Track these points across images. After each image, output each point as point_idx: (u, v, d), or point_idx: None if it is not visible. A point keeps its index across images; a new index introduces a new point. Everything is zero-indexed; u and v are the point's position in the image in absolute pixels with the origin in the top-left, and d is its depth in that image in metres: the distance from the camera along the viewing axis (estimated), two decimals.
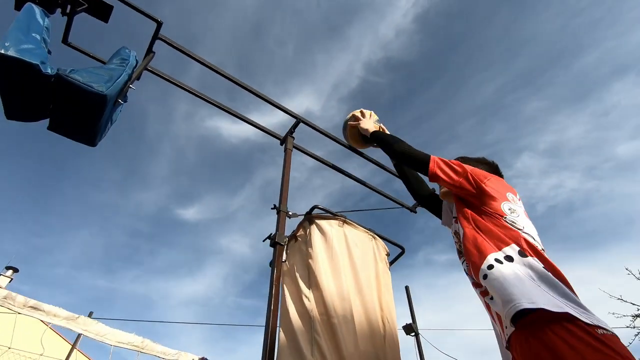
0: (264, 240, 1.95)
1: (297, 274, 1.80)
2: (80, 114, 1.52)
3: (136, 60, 1.80)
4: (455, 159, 1.95)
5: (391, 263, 2.18)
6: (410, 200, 3.08)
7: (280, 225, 1.97)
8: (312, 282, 1.76)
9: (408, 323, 5.57)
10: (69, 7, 1.93)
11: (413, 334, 5.42)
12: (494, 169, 1.86)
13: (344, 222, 1.97)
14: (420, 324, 5.47)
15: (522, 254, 1.16)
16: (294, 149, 2.50)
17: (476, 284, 1.28)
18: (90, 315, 7.63)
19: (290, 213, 2.08)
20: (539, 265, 1.11)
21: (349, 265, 1.81)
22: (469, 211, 1.38)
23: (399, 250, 2.11)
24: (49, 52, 1.56)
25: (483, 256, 1.19)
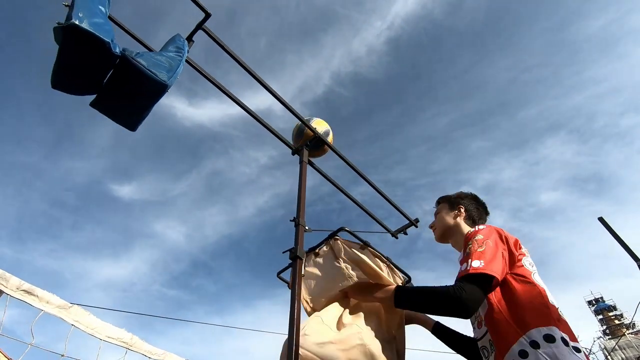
0: (283, 252, 1.94)
1: (311, 289, 1.82)
2: (134, 98, 1.43)
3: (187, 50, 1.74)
4: (454, 196, 2.04)
5: None
6: (393, 225, 3.22)
7: (299, 239, 1.97)
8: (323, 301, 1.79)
9: None
10: None
11: None
12: (484, 209, 1.93)
13: (366, 246, 2.02)
14: None
15: (564, 341, 1.10)
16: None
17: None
18: None
19: (307, 227, 2.09)
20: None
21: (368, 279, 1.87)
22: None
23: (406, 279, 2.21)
24: None
25: (515, 338, 1.14)
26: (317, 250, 2.03)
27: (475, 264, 1.23)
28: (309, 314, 1.85)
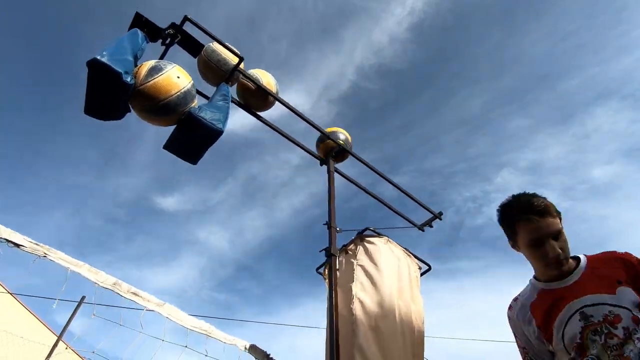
0: (320, 251, 2.34)
1: (345, 283, 2.19)
2: (197, 141, 1.86)
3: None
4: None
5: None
6: (418, 219, 3.54)
7: (332, 239, 2.36)
8: (360, 290, 2.15)
9: None
10: (168, 39, 2.25)
11: None
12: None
13: (388, 240, 2.38)
14: None
15: None
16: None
17: None
18: (82, 299, 7.75)
19: (338, 229, 2.48)
20: None
21: (395, 273, 2.23)
22: None
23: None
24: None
25: None
26: (347, 248, 2.42)
27: None
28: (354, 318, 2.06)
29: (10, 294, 9.01)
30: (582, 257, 1.33)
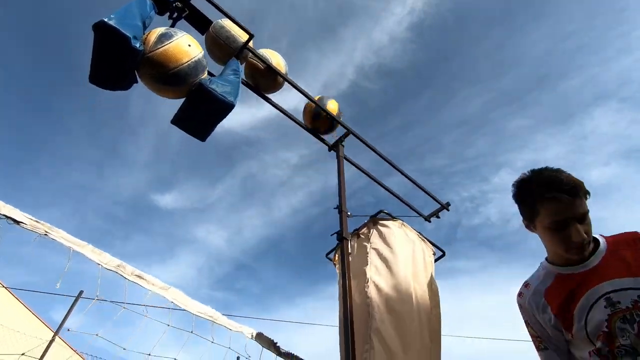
0: (331, 235, 2.26)
1: (359, 267, 2.11)
2: (207, 115, 1.78)
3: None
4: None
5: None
6: (426, 210, 3.47)
7: (343, 223, 2.28)
8: (374, 273, 2.08)
9: None
10: (176, 13, 2.17)
11: None
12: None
13: (402, 224, 2.31)
14: None
15: None
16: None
17: None
18: (81, 293, 7.65)
19: (349, 213, 2.40)
20: None
21: (410, 257, 2.16)
22: None
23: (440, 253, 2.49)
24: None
25: None
26: (359, 232, 2.34)
27: None
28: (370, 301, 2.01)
29: (6, 288, 8.90)
30: (600, 238, 1.21)
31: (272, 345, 2.44)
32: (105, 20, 1.47)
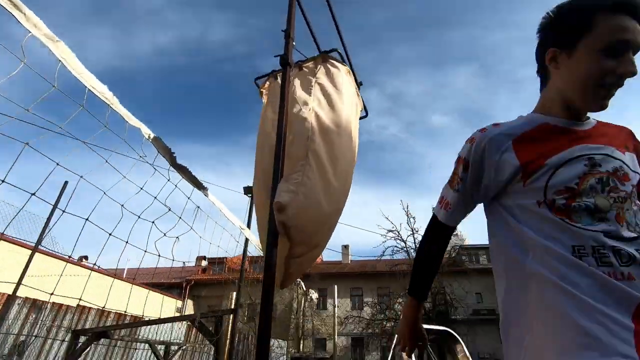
0: (275, 56, 1.99)
1: (300, 96, 1.97)
2: None
3: None
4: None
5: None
6: None
7: (289, 49, 2.03)
8: (317, 105, 1.98)
9: None
10: None
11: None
12: None
13: (349, 71, 2.19)
14: None
15: None
16: None
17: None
18: None
19: (294, 44, 2.13)
20: None
21: (352, 104, 2.13)
22: None
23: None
24: None
25: None
26: (303, 65, 2.14)
27: None
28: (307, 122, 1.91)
29: None
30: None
31: (168, 154, 2.23)
32: None
